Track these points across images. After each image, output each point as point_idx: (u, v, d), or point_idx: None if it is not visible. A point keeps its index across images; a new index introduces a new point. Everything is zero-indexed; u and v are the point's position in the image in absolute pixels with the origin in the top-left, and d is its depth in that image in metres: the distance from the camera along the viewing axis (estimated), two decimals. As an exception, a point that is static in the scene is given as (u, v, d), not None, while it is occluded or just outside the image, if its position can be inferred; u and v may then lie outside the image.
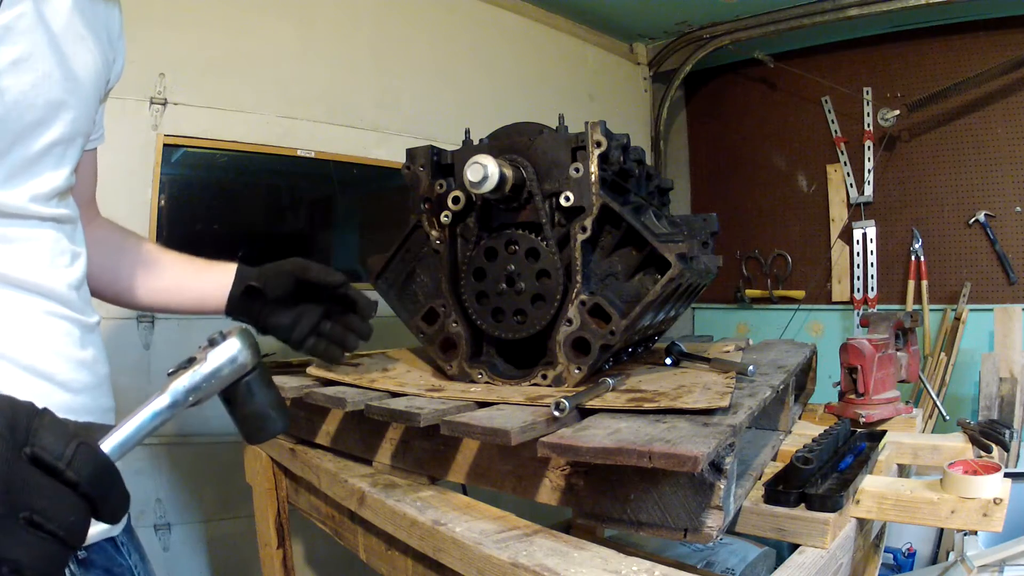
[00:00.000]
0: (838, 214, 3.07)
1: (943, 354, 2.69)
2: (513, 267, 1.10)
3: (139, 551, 0.87)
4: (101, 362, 0.81)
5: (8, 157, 0.69)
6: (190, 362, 0.52)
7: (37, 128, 0.72)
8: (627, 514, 0.76)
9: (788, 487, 0.89)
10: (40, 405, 0.70)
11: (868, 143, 2.98)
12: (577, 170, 1.05)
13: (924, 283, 2.82)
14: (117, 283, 1.02)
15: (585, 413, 0.89)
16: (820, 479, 0.93)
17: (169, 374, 0.52)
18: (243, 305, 1.08)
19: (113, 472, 0.46)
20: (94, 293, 1.00)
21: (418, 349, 1.47)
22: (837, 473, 0.99)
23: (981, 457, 1.16)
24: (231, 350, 0.54)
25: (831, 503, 0.86)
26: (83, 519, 0.43)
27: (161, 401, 0.50)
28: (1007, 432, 1.24)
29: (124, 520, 0.83)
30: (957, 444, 1.23)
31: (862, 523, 0.95)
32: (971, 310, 2.71)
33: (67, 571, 0.72)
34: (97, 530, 0.74)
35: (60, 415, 0.71)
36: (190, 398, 0.52)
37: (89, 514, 0.44)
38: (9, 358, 0.69)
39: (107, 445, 0.47)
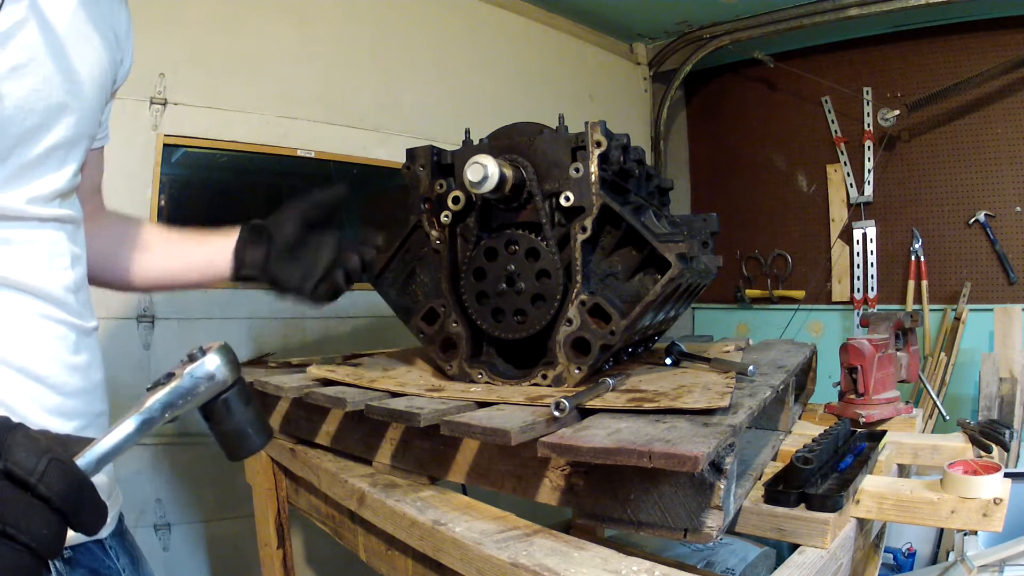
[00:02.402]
0: (838, 214, 3.07)
1: (943, 354, 2.69)
2: (513, 267, 1.10)
3: (130, 554, 0.86)
4: (95, 367, 0.81)
5: (8, 161, 0.69)
6: (169, 377, 0.52)
7: (37, 132, 0.72)
8: (627, 514, 0.76)
9: (788, 487, 0.89)
10: (31, 407, 0.71)
11: (868, 143, 2.98)
12: (577, 170, 1.05)
13: (924, 283, 2.82)
14: (117, 268, 0.99)
15: (585, 413, 0.89)
16: (820, 479, 0.93)
17: (148, 389, 0.52)
18: (251, 258, 1.00)
19: (86, 486, 0.47)
20: (101, 282, 0.98)
21: (418, 349, 1.47)
22: (837, 473, 0.99)
23: (981, 457, 1.16)
24: (209, 367, 0.53)
25: (831, 503, 0.86)
26: (56, 532, 0.45)
27: (137, 417, 0.50)
28: (1007, 432, 1.24)
29: (112, 524, 0.83)
30: (957, 444, 1.23)
31: (862, 523, 0.95)
32: (971, 310, 2.70)
33: (53, 568, 0.73)
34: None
35: (51, 418, 0.73)
36: (166, 414, 0.52)
37: (63, 527, 0.45)
38: (2, 359, 0.69)
39: (82, 459, 0.47)
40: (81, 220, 0.82)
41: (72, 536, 0.62)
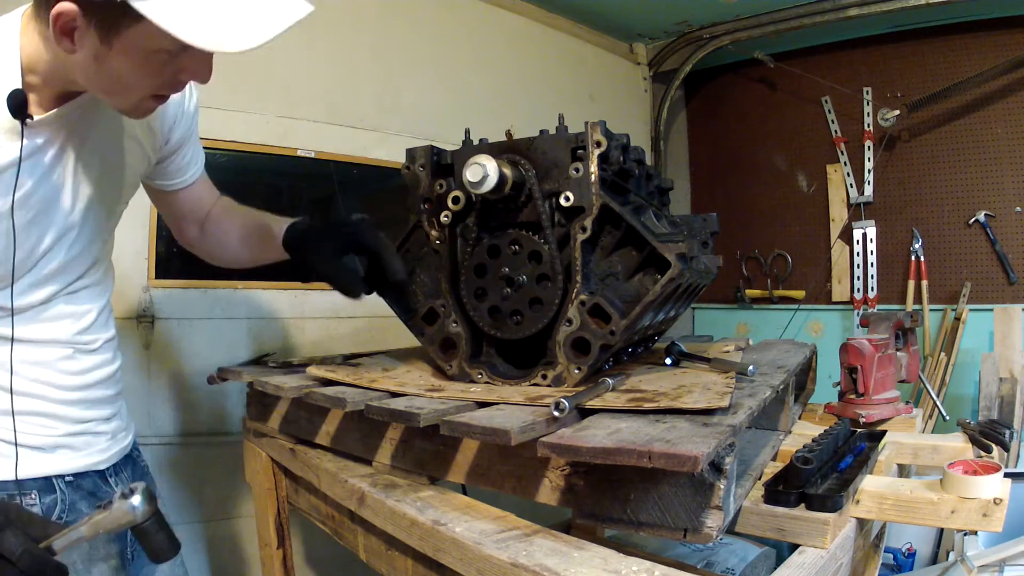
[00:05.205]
0: (838, 214, 3.07)
1: (943, 354, 2.69)
2: (513, 267, 1.10)
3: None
4: (101, 367, 1.03)
5: (22, 280, 0.87)
6: (108, 505, 0.70)
7: (45, 254, 0.88)
8: (627, 514, 0.76)
9: (788, 487, 0.89)
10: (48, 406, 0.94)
11: (868, 143, 2.98)
12: (577, 170, 1.05)
13: (924, 283, 2.82)
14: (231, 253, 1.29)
15: (585, 413, 0.89)
16: (820, 479, 0.93)
17: (97, 507, 0.70)
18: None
19: (49, 565, 0.67)
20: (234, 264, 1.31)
21: (418, 349, 1.47)
22: (837, 473, 0.99)
23: (981, 457, 1.16)
24: (134, 504, 0.70)
25: (831, 503, 0.86)
26: None
27: (85, 528, 0.69)
28: (1007, 432, 1.24)
29: (127, 449, 1.09)
30: (957, 444, 1.23)
31: (862, 523, 0.95)
32: (971, 310, 2.70)
33: (57, 489, 0.94)
34: (83, 463, 0.98)
35: (65, 408, 0.96)
36: (99, 531, 0.70)
37: None
38: (19, 392, 0.91)
39: (48, 543, 0.68)
40: (97, 283, 1.01)
41: (73, 466, 0.97)
